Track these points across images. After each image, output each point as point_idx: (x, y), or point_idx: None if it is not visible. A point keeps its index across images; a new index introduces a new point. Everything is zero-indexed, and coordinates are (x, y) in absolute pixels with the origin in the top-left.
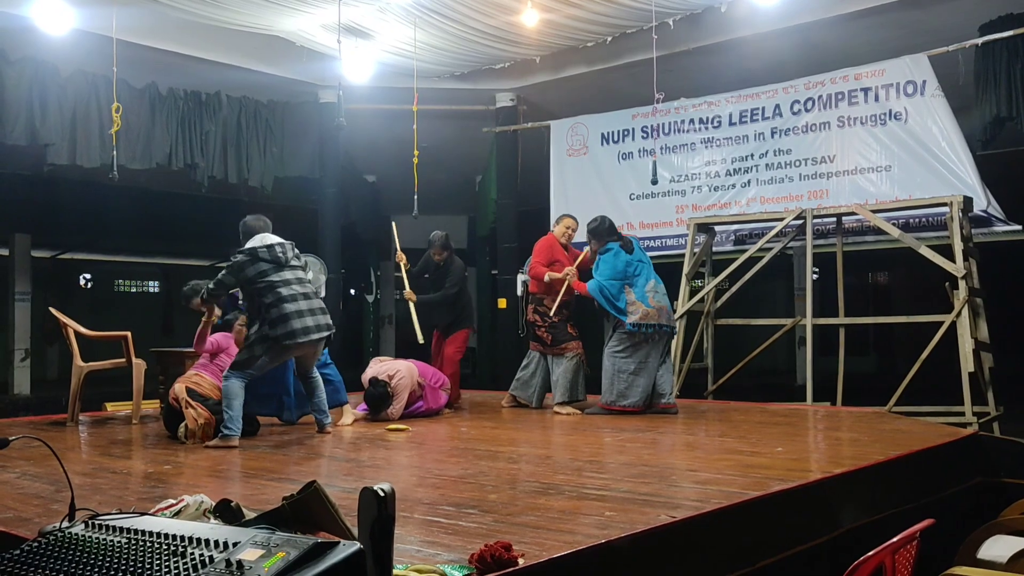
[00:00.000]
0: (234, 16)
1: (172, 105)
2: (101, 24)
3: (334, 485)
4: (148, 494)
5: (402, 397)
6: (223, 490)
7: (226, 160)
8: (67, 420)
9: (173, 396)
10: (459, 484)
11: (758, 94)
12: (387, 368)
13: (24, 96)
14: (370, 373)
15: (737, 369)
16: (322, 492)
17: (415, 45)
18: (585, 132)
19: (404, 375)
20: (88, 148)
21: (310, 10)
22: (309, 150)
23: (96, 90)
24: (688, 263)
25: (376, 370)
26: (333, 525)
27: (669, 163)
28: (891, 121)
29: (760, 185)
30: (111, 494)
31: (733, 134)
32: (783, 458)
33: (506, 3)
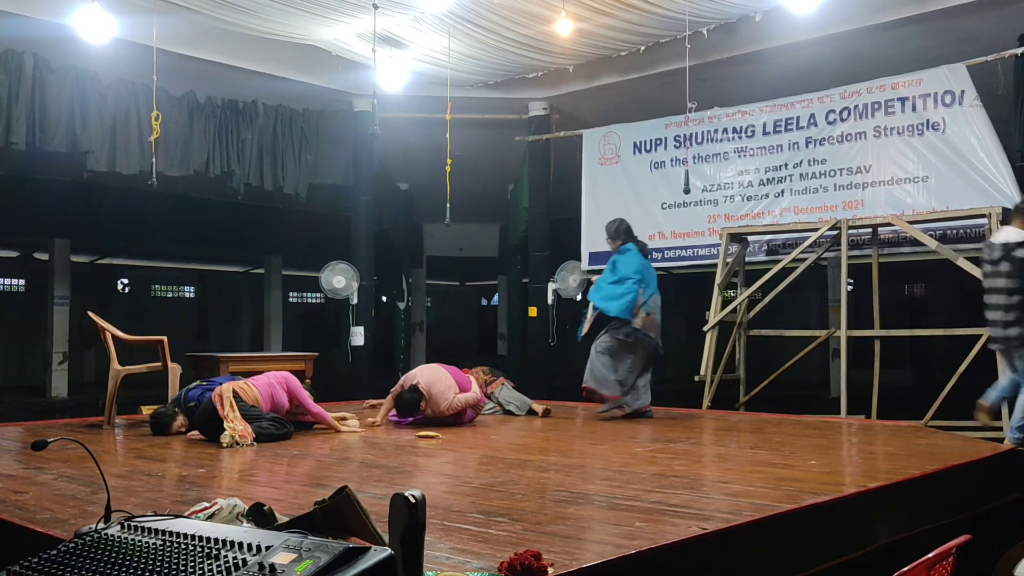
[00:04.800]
0: (271, 26)
1: (210, 113)
2: (141, 33)
3: (365, 491)
4: (182, 497)
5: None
6: (256, 494)
7: (262, 167)
8: (103, 423)
9: (218, 394)
10: (489, 492)
11: (792, 103)
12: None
13: (65, 104)
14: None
15: (769, 381)
16: (354, 497)
17: (449, 54)
18: (617, 141)
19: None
20: (127, 155)
21: (346, 20)
22: (343, 158)
23: (136, 98)
24: (720, 273)
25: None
26: (364, 530)
27: (702, 172)
28: (928, 131)
29: (794, 195)
30: (146, 496)
31: (767, 143)
32: (816, 471)
33: (540, 13)
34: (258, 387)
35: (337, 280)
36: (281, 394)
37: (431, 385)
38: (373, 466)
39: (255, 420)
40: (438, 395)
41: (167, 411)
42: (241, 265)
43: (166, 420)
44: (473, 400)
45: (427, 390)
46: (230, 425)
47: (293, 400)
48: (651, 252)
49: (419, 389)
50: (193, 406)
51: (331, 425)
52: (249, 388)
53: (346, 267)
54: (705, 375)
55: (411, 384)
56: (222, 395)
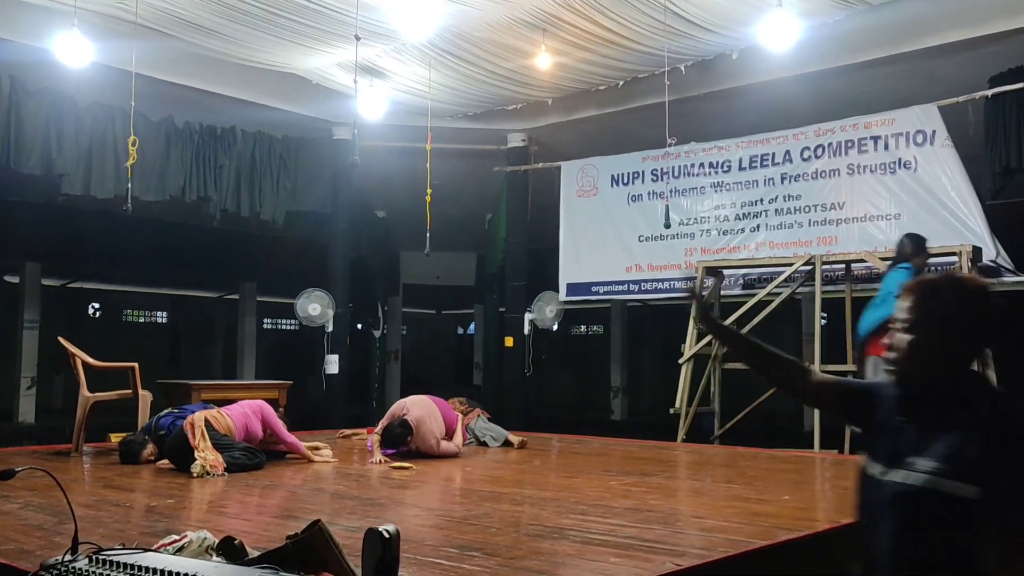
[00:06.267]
0: (252, 53)
1: (187, 138)
2: (120, 58)
3: (338, 523)
4: (151, 528)
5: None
6: (226, 526)
7: (239, 194)
8: (71, 450)
9: (190, 422)
10: (463, 525)
11: (768, 140)
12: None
13: (41, 127)
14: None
15: (744, 414)
16: (326, 531)
17: (429, 85)
18: (595, 173)
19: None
20: (103, 179)
21: (327, 49)
22: (322, 185)
23: (113, 122)
24: (696, 306)
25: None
26: (337, 566)
27: (679, 206)
28: (900, 170)
29: (769, 230)
30: (113, 527)
31: (743, 179)
32: (790, 506)
33: (519, 46)
34: (232, 416)
35: (312, 308)
36: (255, 423)
37: (420, 421)
38: (346, 498)
39: (227, 450)
40: (426, 432)
41: (137, 439)
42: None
43: (136, 448)
44: (455, 452)
45: (416, 425)
46: (201, 455)
47: (267, 429)
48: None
49: (408, 424)
50: (164, 434)
51: (304, 455)
52: (222, 417)
53: (322, 295)
54: (680, 408)
55: (401, 417)
56: (194, 424)
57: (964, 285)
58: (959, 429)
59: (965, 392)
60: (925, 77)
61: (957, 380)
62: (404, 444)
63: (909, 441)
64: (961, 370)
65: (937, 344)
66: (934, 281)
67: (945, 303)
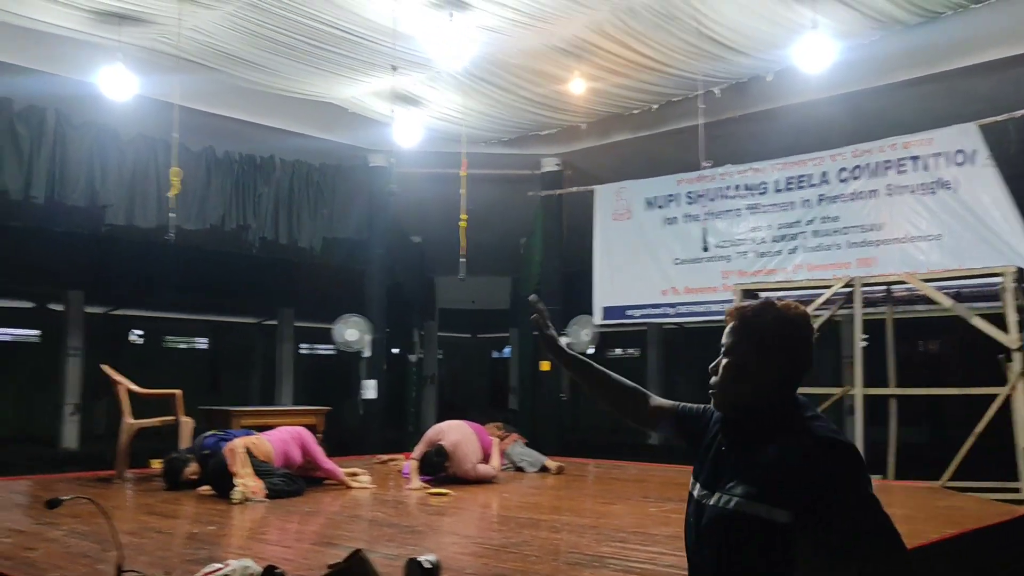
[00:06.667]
0: (291, 84)
1: (227, 168)
2: (162, 90)
3: (377, 551)
4: (193, 556)
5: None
6: (267, 554)
7: (277, 222)
8: (114, 477)
9: (230, 449)
10: (501, 554)
11: (804, 161)
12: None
13: (85, 159)
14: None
15: None
16: (367, 561)
17: (464, 112)
18: (630, 197)
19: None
20: (145, 209)
21: (364, 79)
22: (358, 212)
23: (155, 153)
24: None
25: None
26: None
27: (714, 228)
28: (941, 190)
29: (807, 252)
30: (156, 555)
31: (779, 200)
32: None
33: (554, 73)
34: (271, 442)
35: (350, 333)
36: (294, 450)
37: (456, 445)
38: (385, 525)
39: (267, 476)
40: (463, 456)
41: (180, 456)
42: (254, 317)
43: (179, 465)
44: (493, 475)
45: (452, 450)
46: (241, 481)
47: (306, 456)
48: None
49: (444, 450)
50: (208, 454)
51: (343, 482)
52: (262, 443)
53: (359, 320)
54: None
55: (437, 444)
56: (234, 450)
57: (783, 311)
58: (773, 453)
59: (782, 416)
60: (963, 96)
61: (775, 404)
62: (442, 470)
63: (727, 465)
64: (779, 395)
65: (755, 368)
66: (754, 306)
67: (763, 328)
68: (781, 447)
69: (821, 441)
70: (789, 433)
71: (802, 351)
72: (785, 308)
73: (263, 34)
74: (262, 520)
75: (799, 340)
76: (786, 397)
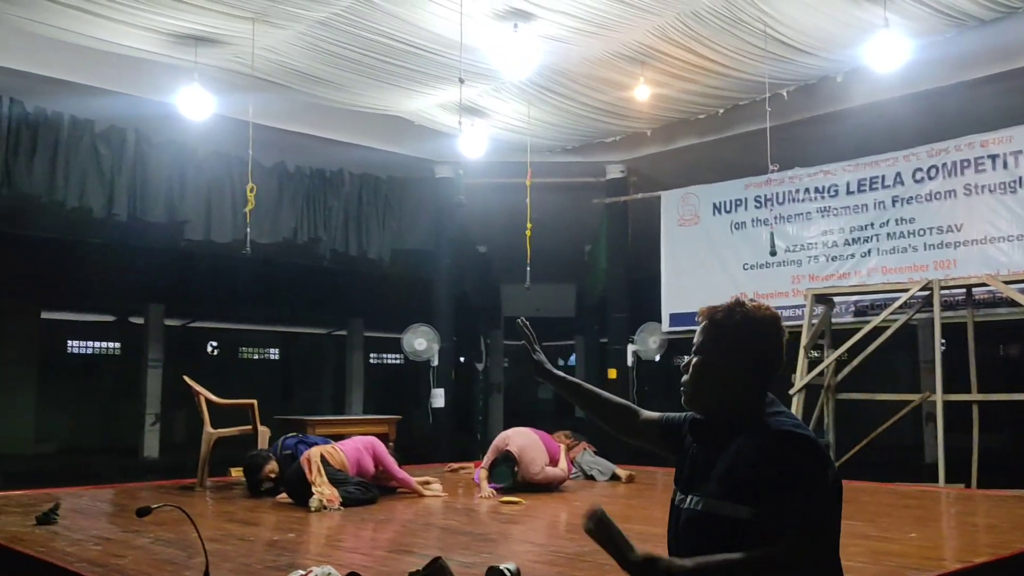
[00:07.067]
0: (359, 99)
1: (299, 182)
2: (237, 109)
3: (452, 559)
4: (274, 562)
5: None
6: (345, 560)
7: (347, 234)
8: (196, 485)
9: (306, 458)
10: (576, 563)
11: (877, 162)
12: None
13: (164, 176)
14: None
15: (863, 445)
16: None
17: (529, 121)
18: (696, 202)
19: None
20: (222, 224)
21: (430, 92)
22: (425, 223)
23: (230, 170)
24: (806, 335)
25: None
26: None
27: (784, 233)
28: (1022, 189)
29: (881, 255)
30: (239, 561)
31: (851, 203)
32: (917, 545)
33: (618, 80)
34: (345, 451)
35: (418, 342)
36: (367, 459)
37: (523, 450)
38: (459, 532)
39: (341, 484)
40: (529, 461)
41: (261, 453)
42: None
43: (259, 461)
44: (563, 477)
45: (519, 455)
46: (318, 489)
47: (379, 465)
48: None
49: (512, 456)
50: (288, 454)
51: (415, 490)
52: (336, 452)
53: (427, 330)
54: None
55: (504, 450)
56: (310, 459)
57: (752, 312)
58: (734, 451)
59: (748, 415)
60: None
61: (742, 404)
62: (512, 476)
63: (698, 466)
64: (746, 394)
65: (722, 367)
66: (724, 306)
67: (731, 328)
68: (741, 444)
69: (776, 434)
70: (751, 430)
71: (769, 352)
72: (755, 309)
73: (332, 51)
74: (338, 528)
75: (766, 341)
76: (753, 397)
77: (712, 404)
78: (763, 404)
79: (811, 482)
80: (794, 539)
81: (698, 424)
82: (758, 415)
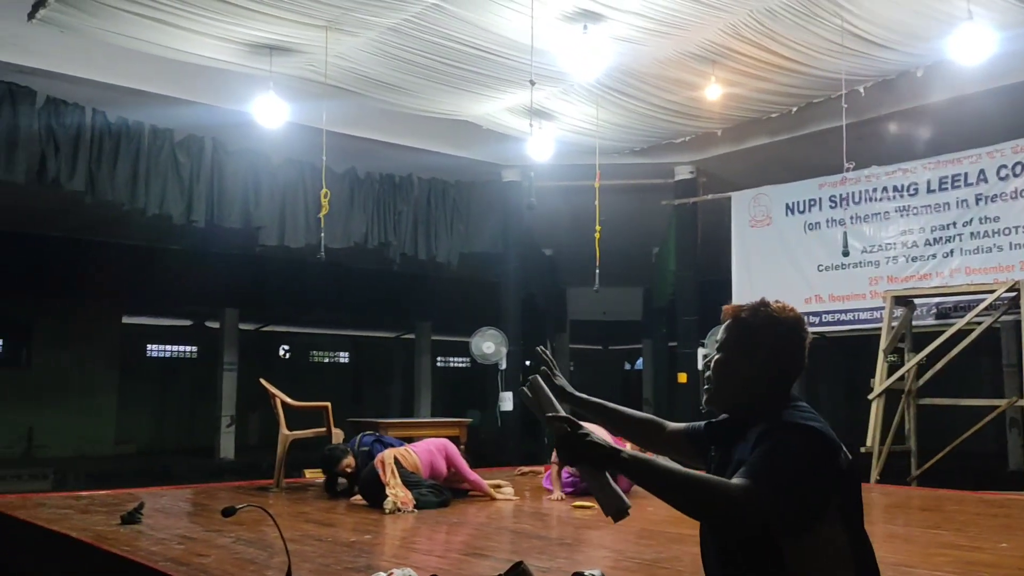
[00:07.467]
0: (428, 104)
1: (369, 188)
2: (310, 116)
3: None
4: (352, 563)
5: None
6: (422, 563)
7: (416, 238)
8: (272, 486)
9: (380, 460)
10: (655, 569)
11: (959, 159)
12: None
13: (240, 184)
14: None
15: (945, 453)
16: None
17: (597, 123)
18: (768, 202)
19: None
20: (295, 230)
21: (498, 95)
22: (493, 226)
23: (303, 176)
24: (885, 338)
25: None
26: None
27: (860, 233)
28: None
29: (964, 255)
30: (319, 562)
31: (932, 202)
32: (1009, 555)
33: (689, 79)
34: (418, 454)
35: (487, 346)
36: (440, 462)
37: None
38: (533, 536)
39: (415, 487)
40: None
41: (339, 447)
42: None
43: (338, 454)
44: None
45: None
46: (392, 492)
47: (451, 467)
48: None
49: None
50: (366, 451)
51: (487, 493)
52: (409, 455)
53: (495, 333)
54: (872, 446)
55: None
56: (384, 462)
57: (775, 312)
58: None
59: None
60: None
61: (763, 403)
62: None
63: (720, 467)
64: (768, 393)
65: (743, 366)
66: (749, 306)
67: (754, 327)
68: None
69: (785, 425)
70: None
71: (792, 352)
72: (779, 309)
73: (403, 57)
74: (412, 530)
75: (789, 341)
76: (774, 396)
77: (733, 402)
78: (784, 403)
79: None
80: (750, 483)
81: (715, 427)
82: (777, 413)
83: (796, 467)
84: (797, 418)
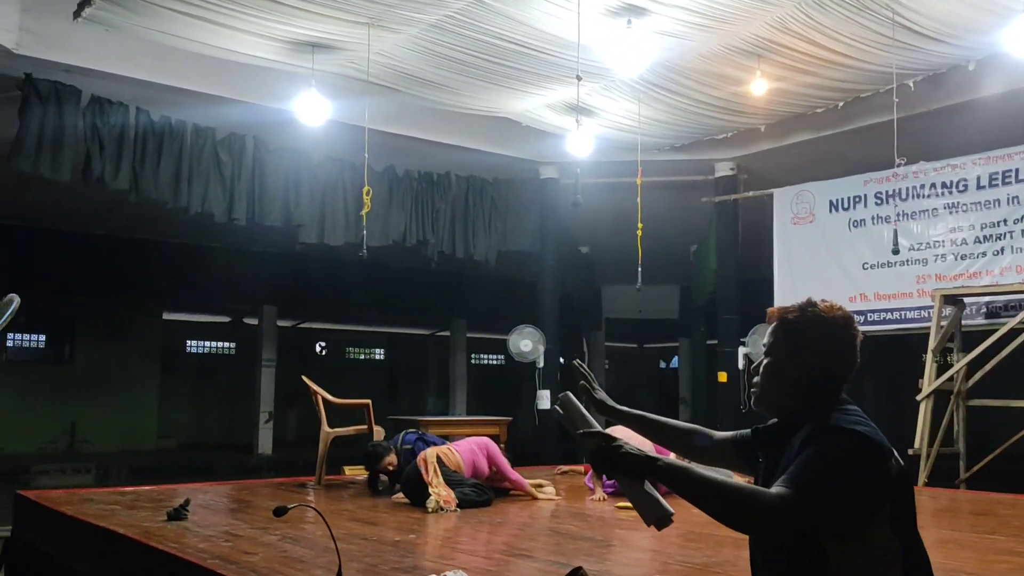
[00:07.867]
0: (468, 101)
1: (407, 186)
2: (350, 114)
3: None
4: (399, 563)
5: None
6: (467, 563)
7: (454, 236)
8: (313, 483)
9: (423, 459)
10: (705, 572)
11: (1011, 155)
12: None
13: (281, 182)
14: None
15: (995, 455)
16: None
17: (639, 119)
18: (811, 199)
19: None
20: (335, 228)
21: (540, 92)
22: (530, 225)
23: (343, 174)
24: (934, 338)
25: None
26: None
27: (908, 230)
28: None
29: (1016, 253)
30: (366, 561)
31: (982, 198)
32: None
33: (733, 74)
34: (460, 452)
35: (524, 344)
36: (482, 460)
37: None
38: (577, 538)
39: (457, 486)
40: None
41: (382, 444)
42: (427, 328)
43: (380, 451)
44: None
45: None
46: (435, 491)
47: (492, 466)
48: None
49: None
50: (408, 449)
51: (528, 493)
52: (452, 454)
53: (532, 331)
54: (920, 448)
55: None
56: (426, 460)
57: (823, 312)
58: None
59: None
60: None
61: (812, 405)
62: None
63: (768, 472)
64: (817, 396)
65: (793, 369)
66: (795, 307)
67: (801, 328)
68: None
69: (830, 429)
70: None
71: (841, 353)
72: (827, 309)
73: (445, 54)
74: (455, 529)
75: (838, 341)
76: (823, 399)
77: (781, 405)
78: (833, 406)
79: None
80: (788, 491)
81: (762, 432)
82: (825, 417)
83: (838, 473)
84: (843, 422)
